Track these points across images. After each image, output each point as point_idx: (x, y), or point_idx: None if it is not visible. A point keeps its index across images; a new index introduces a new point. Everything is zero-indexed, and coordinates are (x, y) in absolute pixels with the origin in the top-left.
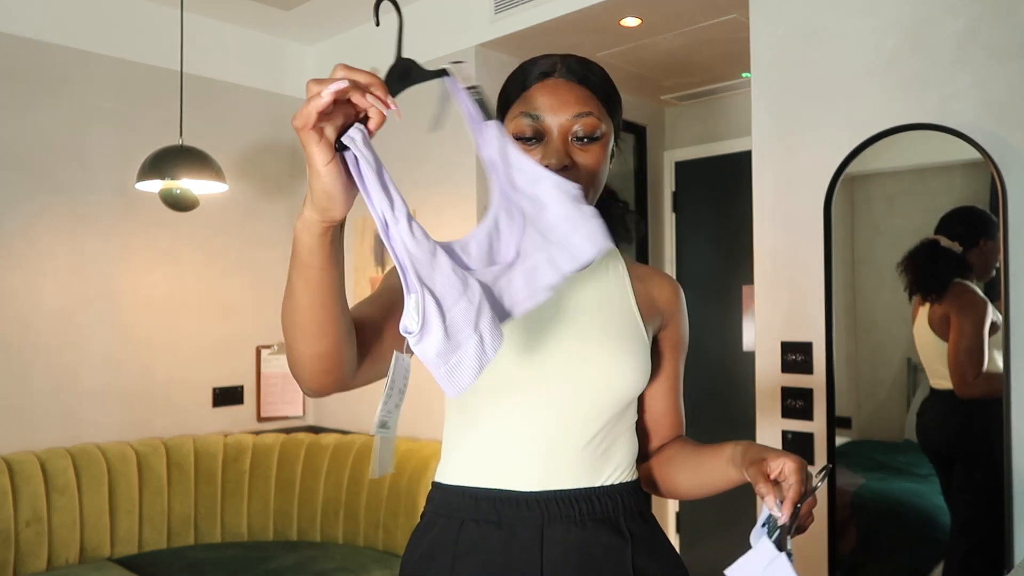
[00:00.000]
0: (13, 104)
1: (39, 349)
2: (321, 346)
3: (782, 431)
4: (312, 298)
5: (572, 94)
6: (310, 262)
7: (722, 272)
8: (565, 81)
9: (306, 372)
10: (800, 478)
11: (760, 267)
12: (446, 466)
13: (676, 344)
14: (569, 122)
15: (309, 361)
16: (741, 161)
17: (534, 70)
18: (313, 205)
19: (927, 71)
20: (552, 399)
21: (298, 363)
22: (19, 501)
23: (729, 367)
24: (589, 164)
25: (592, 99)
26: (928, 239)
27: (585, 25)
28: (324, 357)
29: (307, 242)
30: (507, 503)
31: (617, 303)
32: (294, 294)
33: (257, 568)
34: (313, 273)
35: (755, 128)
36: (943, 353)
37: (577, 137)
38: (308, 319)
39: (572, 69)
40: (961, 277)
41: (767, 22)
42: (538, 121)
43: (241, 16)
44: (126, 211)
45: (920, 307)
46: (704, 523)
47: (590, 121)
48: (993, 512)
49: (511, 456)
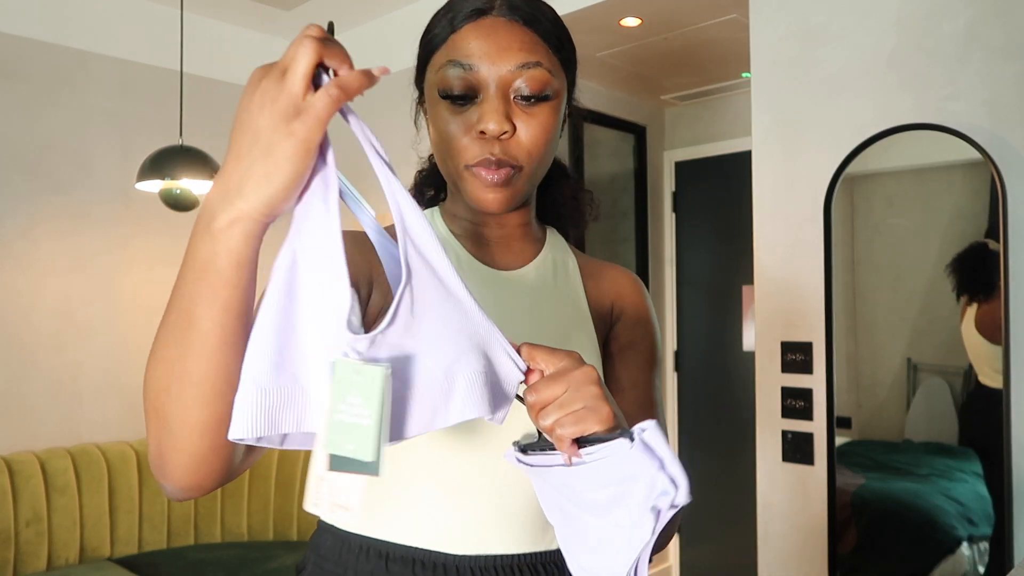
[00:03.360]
0: (13, 104)
1: (39, 349)
2: (219, 408)
3: (782, 431)
4: (222, 334)
5: (515, 38)
6: (233, 279)
7: (722, 272)
8: (506, 21)
9: (185, 457)
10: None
11: (760, 267)
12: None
13: (635, 343)
14: (511, 74)
15: (196, 438)
16: (741, 161)
17: (464, 5)
18: (260, 194)
19: (927, 71)
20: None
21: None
22: (19, 501)
23: (729, 367)
24: (534, 131)
25: (541, 46)
26: (977, 242)
27: (585, 25)
28: (217, 427)
29: (237, 250)
30: (429, 568)
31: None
32: (193, 332)
33: (257, 568)
34: (234, 295)
35: (755, 128)
36: (990, 353)
37: (522, 96)
38: (209, 368)
39: (514, 6)
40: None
41: (767, 22)
42: (470, 72)
43: (241, 16)
44: (126, 211)
45: (967, 308)
46: (704, 523)
47: (539, 74)
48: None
49: (439, 508)
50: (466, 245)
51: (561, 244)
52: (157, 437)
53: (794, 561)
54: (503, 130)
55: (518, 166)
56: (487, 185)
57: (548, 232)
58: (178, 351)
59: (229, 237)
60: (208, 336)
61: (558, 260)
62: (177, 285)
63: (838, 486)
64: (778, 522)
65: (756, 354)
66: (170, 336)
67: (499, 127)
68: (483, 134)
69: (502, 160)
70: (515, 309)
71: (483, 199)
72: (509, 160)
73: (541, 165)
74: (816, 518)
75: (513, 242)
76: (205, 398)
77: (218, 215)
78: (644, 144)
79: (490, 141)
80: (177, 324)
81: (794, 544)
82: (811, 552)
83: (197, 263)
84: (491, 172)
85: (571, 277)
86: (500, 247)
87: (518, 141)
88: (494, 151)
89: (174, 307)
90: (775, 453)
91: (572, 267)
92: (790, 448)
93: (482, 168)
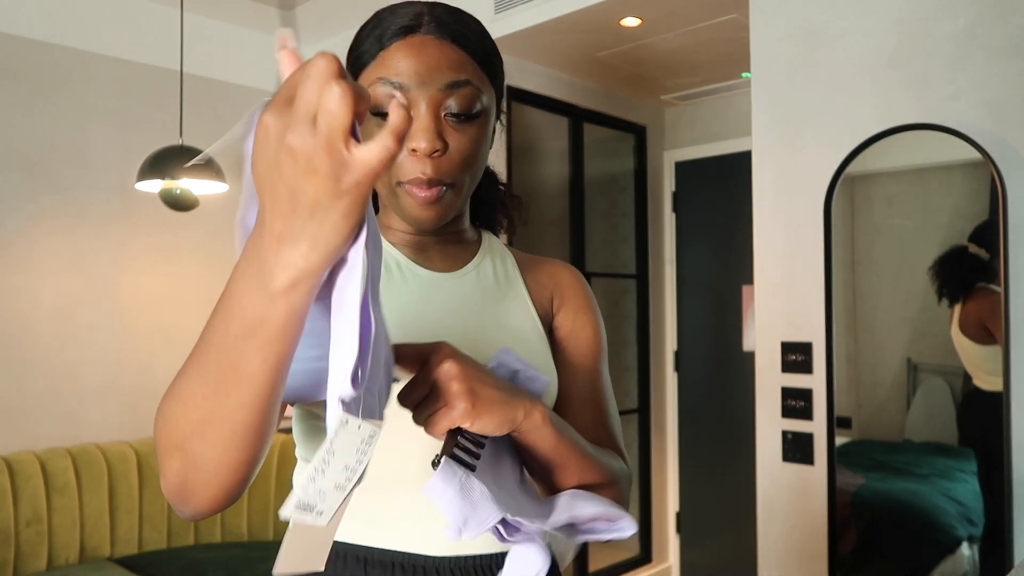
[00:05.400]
0: (13, 104)
1: (39, 349)
2: (258, 444)
3: (782, 431)
4: (274, 386)
5: (443, 56)
6: (291, 334)
7: (722, 272)
8: (434, 39)
9: (214, 489)
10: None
11: (760, 267)
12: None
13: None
14: (441, 93)
15: (232, 473)
16: (741, 161)
17: (393, 22)
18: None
19: (927, 71)
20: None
21: (206, 480)
22: (19, 501)
23: (729, 367)
24: (465, 148)
25: (469, 63)
26: (958, 245)
27: (585, 25)
28: (247, 464)
29: (299, 308)
30: (408, 570)
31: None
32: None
33: (257, 568)
34: (288, 349)
35: (755, 128)
36: (977, 354)
37: (451, 113)
38: (255, 415)
39: (443, 23)
40: (986, 282)
41: (767, 22)
42: (400, 91)
43: (241, 16)
44: (126, 211)
45: (953, 311)
46: (704, 523)
47: (467, 92)
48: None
49: (415, 511)
50: (404, 251)
51: (497, 244)
52: (182, 474)
53: (794, 561)
54: (435, 148)
55: (450, 183)
56: (419, 203)
57: (483, 234)
58: (219, 401)
59: (292, 298)
60: (259, 389)
61: (496, 259)
62: (216, 337)
63: (838, 486)
64: (778, 522)
65: (756, 354)
66: (209, 386)
67: (430, 145)
68: (415, 152)
69: (433, 179)
70: (461, 309)
71: (416, 216)
72: (441, 178)
73: (473, 179)
74: (816, 518)
75: (450, 246)
76: (248, 440)
77: (276, 275)
78: (644, 144)
79: (422, 159)
80: (220, 376)
81: (794, 544)
82: (811, 552)
83: (247, 320)
84: (423, 190)
85: (511, 273)
86: (438, 251)
87: (450, 158)
88: (426, 170)
89: (214, 358)
90: (775, 453)
91: (511, 264)
92: (790, 448)
93: (414, 186)
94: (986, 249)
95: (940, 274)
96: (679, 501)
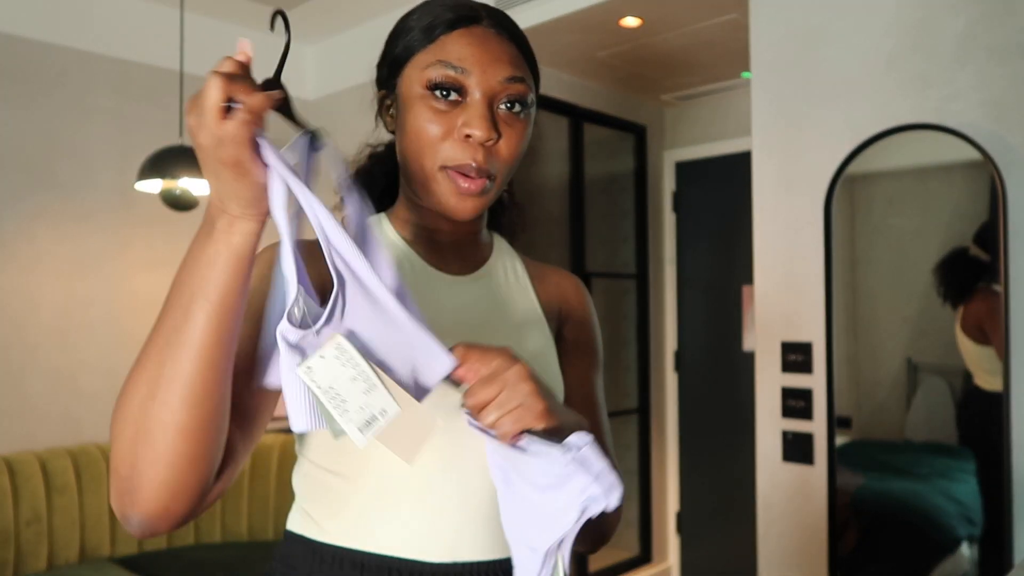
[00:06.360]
0: (13, 104)
1: (39, 349)
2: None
3: (782, 431)
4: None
5: (504, 51)
6: (233, 271)
7: (722, 272)
8: (496, 33)
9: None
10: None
11: (760, 267)
12: (315, 515)
13: (580, 344)
14: (500, 85)
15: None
16: (741, 161)
17: (446, 13)
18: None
19: (927, 71)
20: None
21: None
22: (19, 501)
23: (729, 367)
24: (513, 143)
25: (523, 63)
26: (959, 247)
27: (585, 25)
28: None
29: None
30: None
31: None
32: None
33: (257, 568)
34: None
35: (755, 128)
36: (979, 354)
37: (506, 107)
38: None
39: (501, 20)
40: (986, 283)
41: (767, 22)
42: (461, 75)
43: (241, 16)
44: (126, 211)
45: (956, 312)
46: (704, 523)
47: (522, 89)
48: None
49: (412, 517)
50: (418, 251)
51: (507, 248)
52: (132, 450)
53: (794, 561)
54: (489, 136)
55: (493, 176)
56: (461, 192)
57: (494, 237)
58: (170, 351)
59: (231, 234)
60: (204, 331)
61: (507, 263)
62: (173, 290)
63: (838, 486)
64: (778, 522)
65: (756, 354)
66: (160, 346)
67: (486, 134)
68: (468, 138)
69: (482, 169)
70: (472, 313)
71: (453, 206)
72: (488, 169)
73: (507, 177)
74: (816, 518)
75: (464, 247)
76: (195, 398)
77: (217, 221)
78: (644, 144)
79: (474, 146)
80: (171, 323)
81: (794, 544)
82: (811, 552)
83: (200, 263)
84: (468, 180)
85: (521, 279)
86: (452, 252)
87: (499, 150)
88: (477, 157)
89: (169, 309)
90: (775, 453)
91: (520, 270)
92: (790, 448)
93: (459, 174)
94: (987, 251)
95: (942, 277)
96: (679, 501)
